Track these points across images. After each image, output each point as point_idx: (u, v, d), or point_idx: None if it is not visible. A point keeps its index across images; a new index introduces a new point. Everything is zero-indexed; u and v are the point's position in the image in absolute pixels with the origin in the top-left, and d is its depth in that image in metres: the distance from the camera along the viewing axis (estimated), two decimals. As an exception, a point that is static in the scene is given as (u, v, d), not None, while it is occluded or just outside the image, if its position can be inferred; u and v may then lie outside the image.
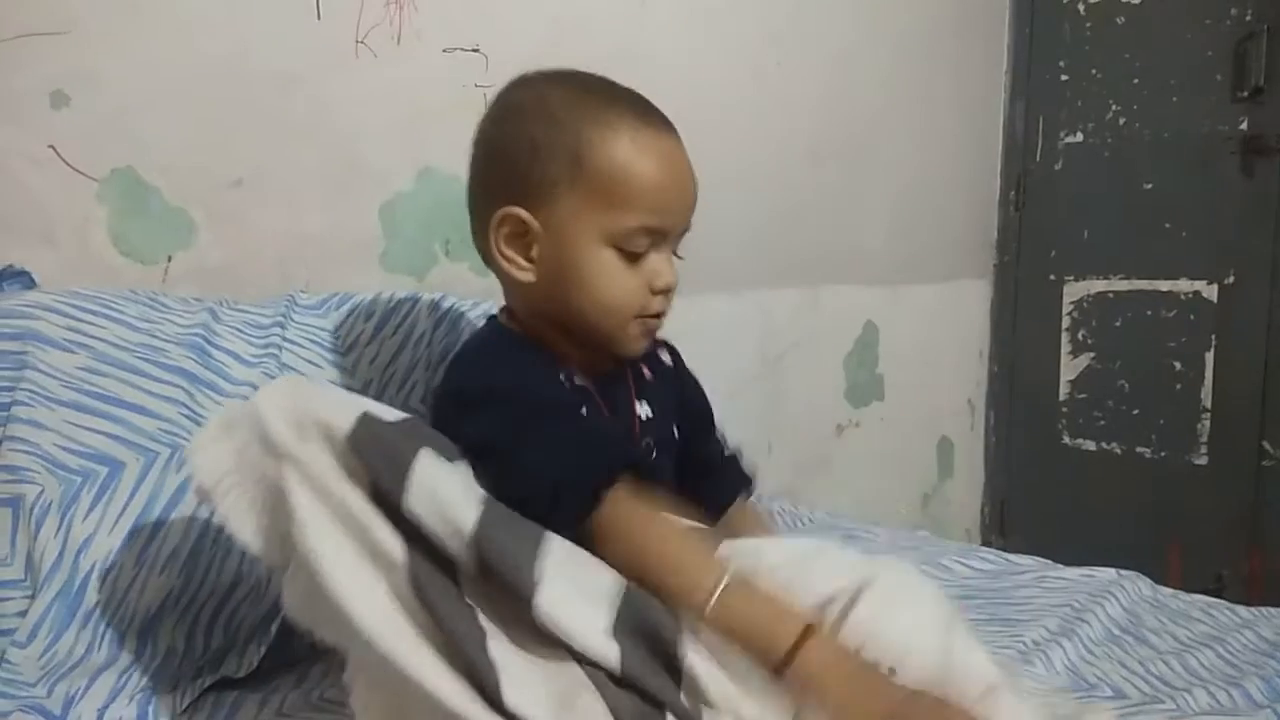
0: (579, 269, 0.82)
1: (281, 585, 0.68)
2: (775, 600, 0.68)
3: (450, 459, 0.69)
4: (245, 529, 0.68)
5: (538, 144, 0.81)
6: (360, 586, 0.62)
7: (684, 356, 1.03)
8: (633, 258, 0.82)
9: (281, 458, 0.66)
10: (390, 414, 0.71)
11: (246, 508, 0.67)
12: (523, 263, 0.84)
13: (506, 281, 0.87)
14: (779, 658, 0.65)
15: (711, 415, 1.02)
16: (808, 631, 0.65)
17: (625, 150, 0.80)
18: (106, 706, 0.83)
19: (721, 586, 0.67)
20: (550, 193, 0.81)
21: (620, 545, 0.71)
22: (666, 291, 0.84)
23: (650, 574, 0.69)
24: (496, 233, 0.84)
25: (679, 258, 0.87)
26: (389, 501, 0.64)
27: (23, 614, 0.85)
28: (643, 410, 0.91)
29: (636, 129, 0.82)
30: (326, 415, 0.66)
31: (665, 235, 0.83)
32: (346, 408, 0.68)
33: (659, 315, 0.86)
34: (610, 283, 0.82)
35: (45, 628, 0.84)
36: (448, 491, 0.65)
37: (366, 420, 0.67)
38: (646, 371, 0.95)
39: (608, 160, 0.80)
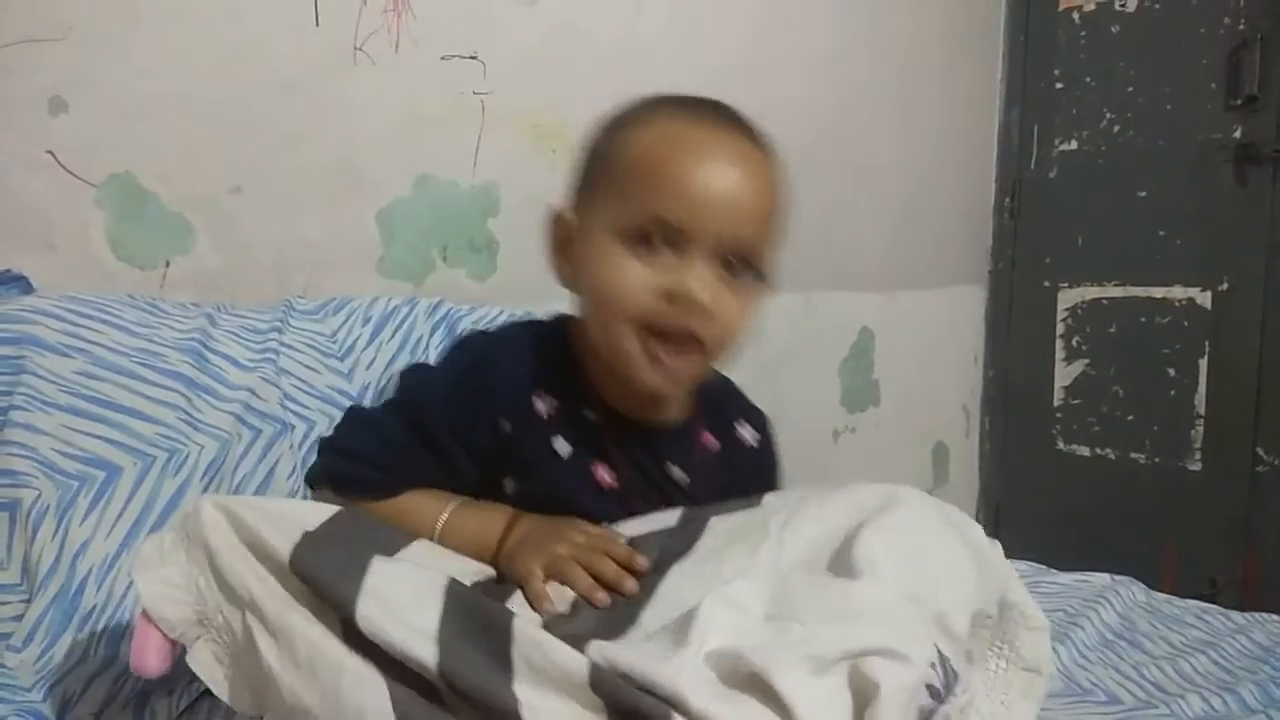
0: (587, 261, 0.76)
1: None
2: (489, 510, 0.76)
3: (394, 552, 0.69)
4: (217, 682, 0.66)
5: (592, 144, 0.80)
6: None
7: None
8: (646, 255, 0.73)
9: (243, 606, 0.64)
10: (321, 515, 0.70)
11: (212, 659, 0.66)
12: (566, 266, 0.80)
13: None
14: (493, 549, 0.73)
15: None
16: (511, 521, 0.74)
17: (650, 139, 0.74)
18: (102, 711, 0.83)
19: (446, 513, 0.75)
20: (587, 191, 0.79)
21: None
22: (684, 301, 0.72)
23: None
24: (548, 233, 0.81)
25: (724, 269, 0.74)
26: (347, 623, 0.61)
27: (19, 618, 0.85)
28: (678, 475, 0.83)
29: (675, 118, 0.75)
30: (268, 540, 0.65)
31: (688, 235, 0.72)
32: (285, 530, 0.66)
33: (673, 339, 0.74)
34: (609, 273, 0.73)
35: (42, 632, 0.84)
36: (401, 598, 0.62)
37: (308, 540, 0.65)
38: (712, 441, 0.87)
39: (631, 149, 0.75)
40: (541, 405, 0.79)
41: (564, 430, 0.79)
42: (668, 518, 0.76)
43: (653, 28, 1.56)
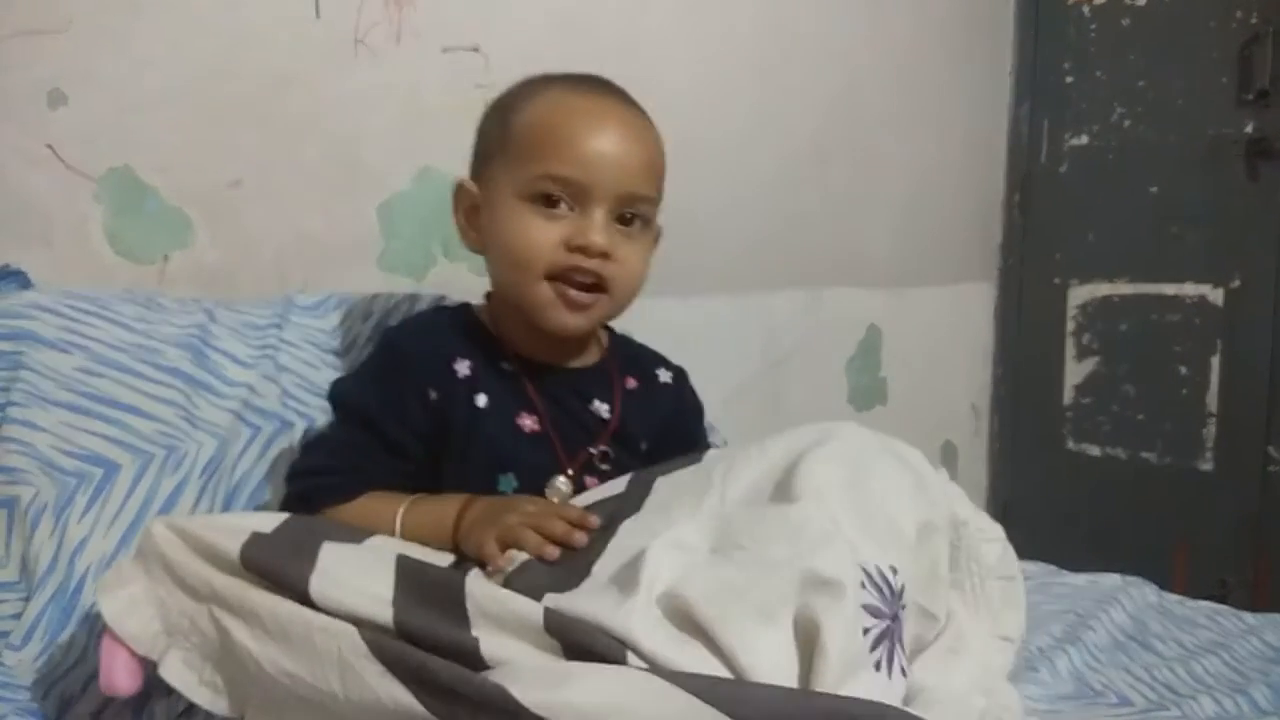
0: (495, 225, 0.85)
1: None
2: (444, 499, 0.80)
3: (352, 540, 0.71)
4: (192, 688, 0.67)
5: (489, 120, 0.89)
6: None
7: (686, 360, 1.02)
8: (549, 213, 0.82)
9: (204, 600, 0.66)
10: (274, 521, 0.72)
11: (183, 666, 0.67)
12: (474, 235, 0.89)
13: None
14: (450, 532, 0.77)
15: (699, 443, 1.00)
16: (465, 505, 0.78)
17: (544, 107, 0.84)
18: (102, 710, 0.82)
19: (404, 507, 0.80)
20: (488, 162, 0.87)
21: None
22: (586, 250, 0.81)
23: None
24: (455, 205, 0.90)
25: (619, 223, 0.83)
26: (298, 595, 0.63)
27: (18, 616, 0.85)
28: (601, 410, 0.90)
29: (564, 90, 0.85)
30: (218, 544, 0.67)
31: (587, 191, 0.81)
32: (234, 534, 0.67)
33: (580, 283, 0.83)
34: (516, 232, 0.82)
35: (40, 630, 0.84)
36: (353, 574, 0.65)
37: (257, 538, 0.67)
38: (631, 381, 0.94)
39: (526, 118, 0.84)
40: (459, 367, 0.86)
41: (484, 385, 0.86)
42: (616, 486, 0.79)
43: (656, 20, 1.55)
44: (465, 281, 1.33)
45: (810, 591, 0.59)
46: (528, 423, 0.87)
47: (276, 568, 0.64)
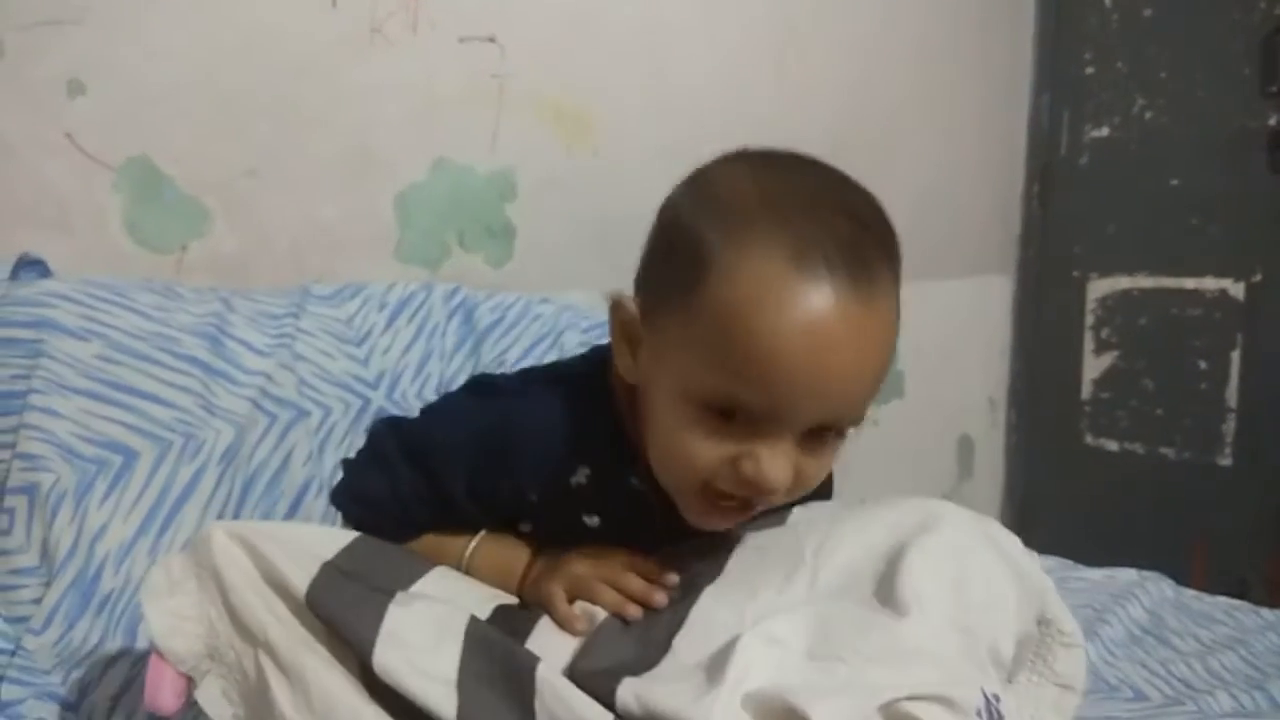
0: (651, 400, 0.65)
1: None
2: (513, 543, 0.74)
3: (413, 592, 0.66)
4: (243, 712, 0.64)
5: (679, 235, 0.65)
6: None
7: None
8: (720, 428, 0.61)
9: (257, 645, 0.62)
10: (338, 543, 0.68)
11: (221, 696, 0.64)
12: (629, 360, 0.68)
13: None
14: (518, 579, 0.72)
15: None
16: (535, 552, 0.73)
17: (741, 288, 0.59)
18: (120, 695, 0.83)
19: (473, 545, 0.73)
20: (663, 301, 0.65)
21: None
22: (757, 486, 0.61)
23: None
24: (612, 315, 0.69)
25: (812, 448, 0.63)
26: (363, 663, 0.59)
27: (38, 601, 0.85)
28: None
29: (782, 271, 0.59)
30: (284, 573, 0.62)
31: (777, 420, 0.60)
32: (301, 560, 0.63)
33: (745, 505, 0.65)
34: (674, 436, 0.63)
35: (60, 615, 0.85)
36: (419, 641, 0.60)
37: (325, 573, 0.63)
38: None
39: (722, 296, 0.60)
40: (575, 479, 0.71)
41: (599, 503, 0.72)
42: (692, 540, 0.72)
43: (674, 11, 1.54)
44: (481, 272, 1.33)
45: (926, 700, 0.55)
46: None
47: (341, 623, 0.59)
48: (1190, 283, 2.00)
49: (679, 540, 0.71)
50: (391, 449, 0.74)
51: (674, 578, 0.67)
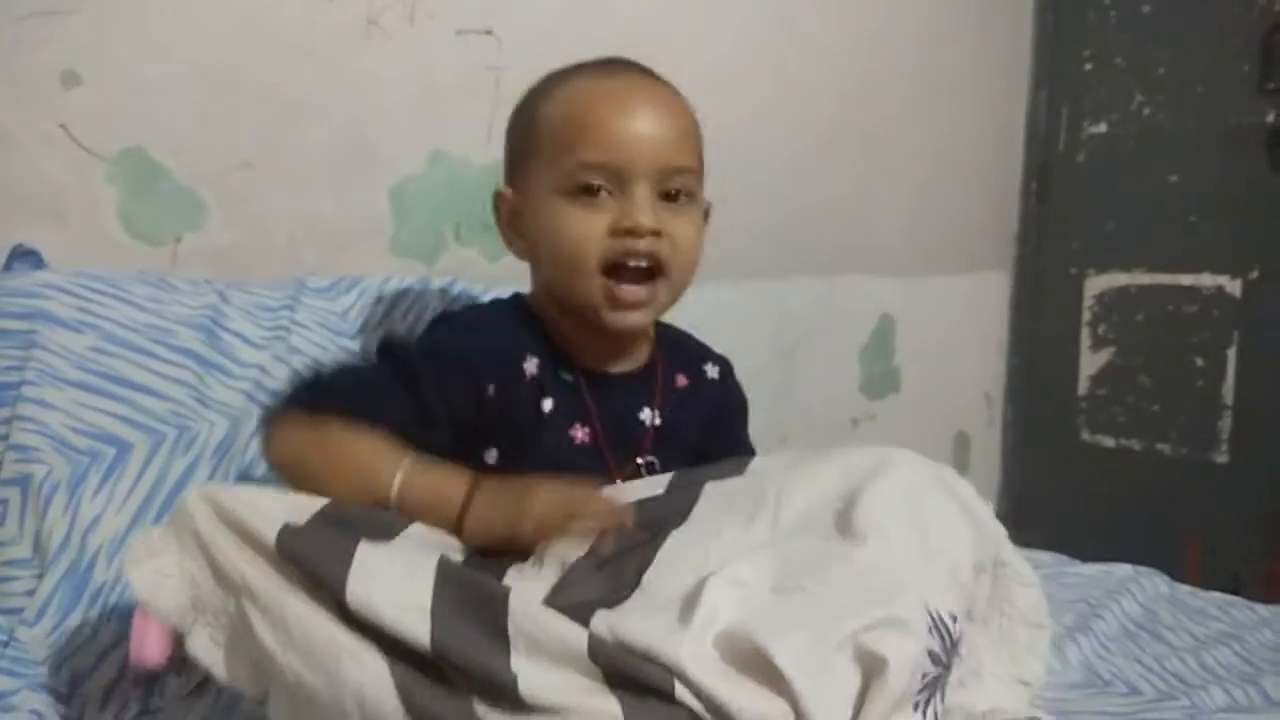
0: (540, 227, 0.82)
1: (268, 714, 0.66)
2: (448, 469, 0.74)
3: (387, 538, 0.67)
4: (217, 664, 0.66)
5: (516, 122, 0.87)
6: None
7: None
8: (591, 203, 0.78)
9: (238, 592, 0.64)
10: (307, 510, 0.69)
11: (210, 643, 0.66)
12: (519, 242, 0.86)
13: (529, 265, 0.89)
14: (455, 517, 0.71)
15: (742, 443, 0.98)
16: (473, 482, 0.72)
17: (567, 97, 0.81)
18: (114, 686, 0.83)
19: (403, 469, 0.72)
20: (521, 165, 0.84)
21: (300, 458, 0.73)
22: (634, 230, 0.78)
23: (337, 481, 0.71)
24: (496, 215, 0.87)
25: (665, 200, 0.80)
26: (336, 600, 0.61)
27: (31, 593, 0.86)
28: (649, 418, 0.88)
29: (586, 77, 0.82)
30: (256, 529, 0.64)
31: (624, 174, 0.78)
32: (269, 518, 0.65)
33: (634, 274, 0.79)
34: (561, 229, 0.79)
35: (53, 607, 0.85)
36: (391, 574, 0.62)
37: (289, 528, 0.65)
38: (681, 379, 0.92)
39: (552, 111, 0.81)
40: (528, 366, 0.82)
41: (548, 390, 0.83)
42: (655, 485, 0.77)
43: (671, 5, 1.54)
44: (477, 266, 1.33)
45: (881, 628, 0.58)
46: (580, 434, 0.84)
47: (313, 563, 0.62)
48: (1187, 279, 2.00)
49: (607, 419, 0.84)
50: (372, 361, 0.83)
51: (629, 509, 0.70)
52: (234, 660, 0.65)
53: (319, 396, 0.76)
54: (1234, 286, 1.94)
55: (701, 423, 0.91)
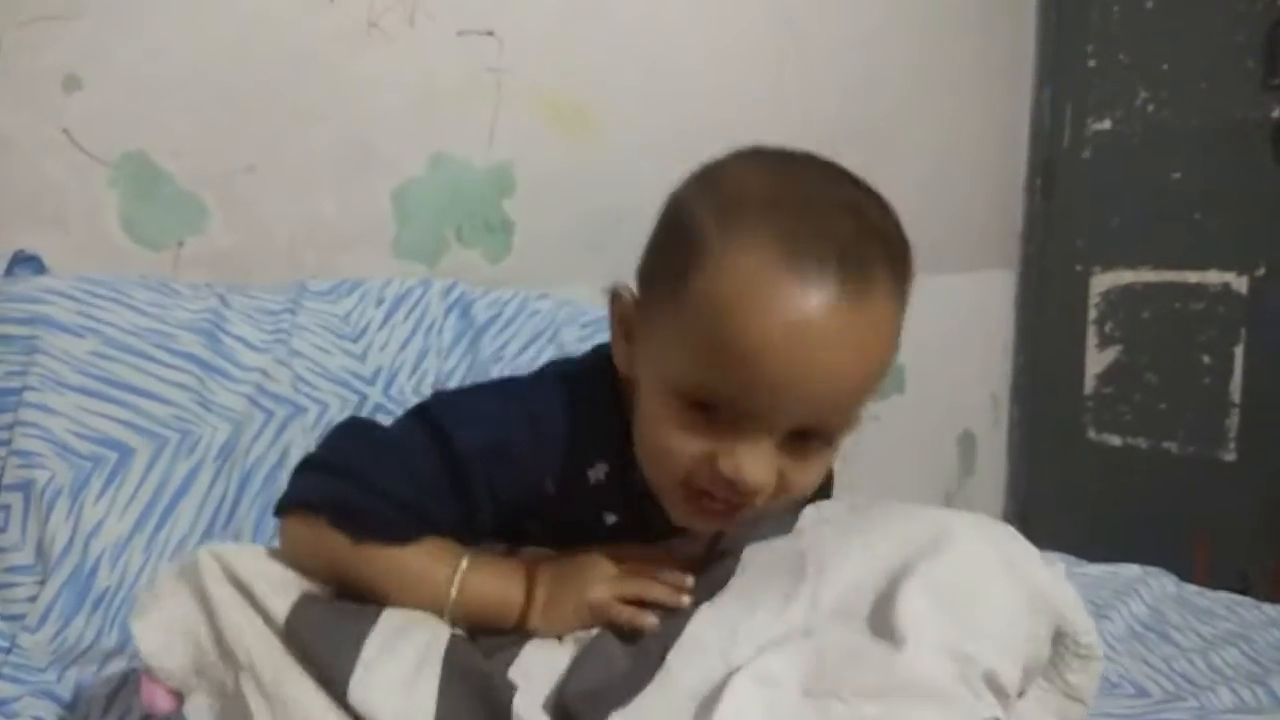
0: (641, 391, 0.65)
1: None
2: (506, 562, 0.68)
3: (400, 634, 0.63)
4: None
5: (677, 224, 0.65)
6: None
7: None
8: (699, 418, 0.61)
9: (239, 668, 0.61)
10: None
11: (207, 712, 0.64)
12: (624, 354, 0.68)
13: None
14: (517, 619, 0.65)
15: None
16: (531, 572, 0.66)
17: (727, 278, 0.58)
18: (116, 692, 0.83)
19: (459, 575, 0.65)
20: (657, 291, 0.65)
21: (336, 569, 0.66)
22: (734, 486, 0.60)
23: (379, 597, 0.65)
24: (611, 306, 0.69)
25: (797, 452, 0.62)
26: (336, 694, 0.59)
27: (33, 599, 0.86)
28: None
29: (771, 264, 0.58)
30: (265, 601, 0.63)
31: (755, 420, 0.59)
32: (282, 587, 0.64)
33: (728, 505, 0.63)
34: (658, 430, 0.63)
35: (55, 613, 0.85)
36: (397, 673, 0.59)
37: (304, 602, 0.63)
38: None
39: (709, 288, 0.59)
40: (593, 473, 0.70)
41: (614, 501, 0.71)
42: (695, 543, 0.71)
43: (672, 5, 1.54)
44: (479, 268, 1.33)
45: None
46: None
47: (319, 652, 0.60)
48: (1193, 277, 1.99)
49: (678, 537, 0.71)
50: (397, 430, 0.69)
51: (689, 579, 0.65)
52: None
53: (354, 496, 0.65)
54: (1240, 283, 1.93)
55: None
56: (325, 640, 0.60)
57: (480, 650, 0.63)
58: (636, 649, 0.62)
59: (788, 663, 0.58)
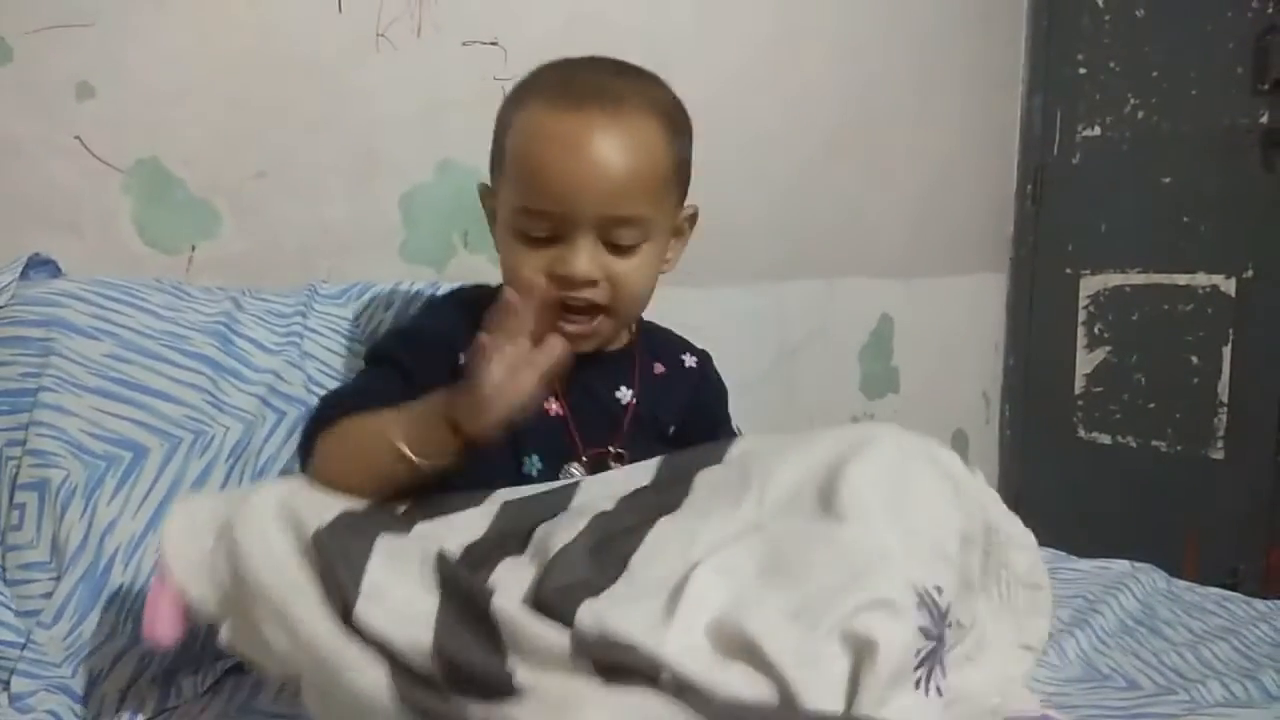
0: (499, 245, 0.85)
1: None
2: (425, 403, 0.74)
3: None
4: (253, 653, 0.67)
5: (496, 126, 0.86)
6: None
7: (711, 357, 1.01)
8: (535, 242, 0.80)
9: (253, 597, 0.65)
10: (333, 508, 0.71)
11: (232, 634, 0.67)
12: (492, 224, 0.89)
13: None
14: (453, 435, 0.72)
15: (723, 425, 0.99)
16: (447, 402, 0.73)
17: (522, 130, 0.81)
18: (130, 687, 0.85)
19: (400, 425, 0.73)
20: (494, 168, 0.87)
21: (333, 463, 0.75)
22: (568, 281, 0.79)
23: (363, 465, 0.74)
24: (483, 204, 0.90)
25: (616, 249, 0.80)
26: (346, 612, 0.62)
27: (48, 595, 0.86)
28: (626, 396, 0.89)
29: (542, 108, 0.80)
30: (306, 518, 0.67)
31: (565, 223, 0.78)
32: (323, 507, 0.68)
33: (577, 309, 0.80)
34: (507, 263, 0.83)
35: (70, 609, 0.86)
36: (399, 593, 0.63)
37: (317, 535, 0.66)
38: (658, 366, 0.93)
39: (512, 143, 0.82)
40: None
41: None
42: (644, 472, 0.77)
43: (675, 15, 1.56)
44: (486, 272, 1.34)
45: (868, 610, 0.58)
46: (552, 407, 0.85)
47: (329, 573, 0.63)
48: (1182, 279, 2.01)
49: (580, 394, 0.85)
50: (364, 368, 0.88)
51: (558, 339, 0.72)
52: (265, 654, 0.66)
53: (330, 410, 0.79)
54: (1228, 285, 1.95)
55: (678, 409, 0.92)
56: (336, 562, 0.63)
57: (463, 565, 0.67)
58: (603, 555, 0.66)
59: (744, 553, 0.64)
